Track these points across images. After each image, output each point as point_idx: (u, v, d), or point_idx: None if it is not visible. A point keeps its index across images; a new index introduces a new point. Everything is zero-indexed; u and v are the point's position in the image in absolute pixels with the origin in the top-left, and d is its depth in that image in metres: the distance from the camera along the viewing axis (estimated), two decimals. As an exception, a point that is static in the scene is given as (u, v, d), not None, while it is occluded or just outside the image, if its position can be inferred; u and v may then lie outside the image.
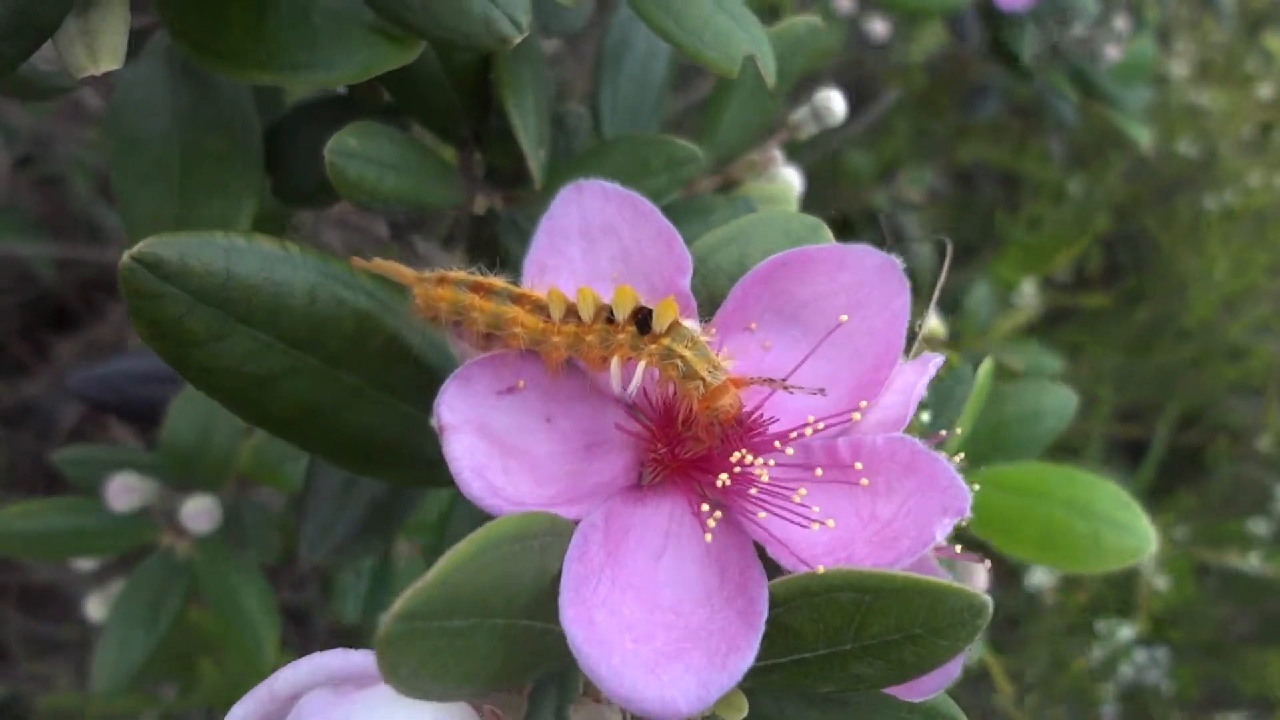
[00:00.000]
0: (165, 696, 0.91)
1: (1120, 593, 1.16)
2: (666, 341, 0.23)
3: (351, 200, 0.32)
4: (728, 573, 0.23)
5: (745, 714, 0.26)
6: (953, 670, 0.23)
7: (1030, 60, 0.96)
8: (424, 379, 0.29)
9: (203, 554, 0.54)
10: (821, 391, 0.24)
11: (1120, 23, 1.09)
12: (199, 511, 0.52)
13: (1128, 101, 1.09)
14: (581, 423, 0.26)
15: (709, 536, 0.22)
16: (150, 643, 0.52)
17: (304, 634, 0.87)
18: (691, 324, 0.23)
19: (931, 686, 0.23)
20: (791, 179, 0.42)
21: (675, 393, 0.24)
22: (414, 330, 0.29)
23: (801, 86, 0.45)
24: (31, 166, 1.03)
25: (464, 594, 0.19)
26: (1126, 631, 1.12)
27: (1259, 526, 1.20)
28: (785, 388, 0.24)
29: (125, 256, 0.24)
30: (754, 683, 0.22)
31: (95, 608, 0.57)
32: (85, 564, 0.61)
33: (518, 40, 0.28)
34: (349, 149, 0.31)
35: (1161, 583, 1.13)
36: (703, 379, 0.22)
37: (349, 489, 0.39)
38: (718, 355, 0.23)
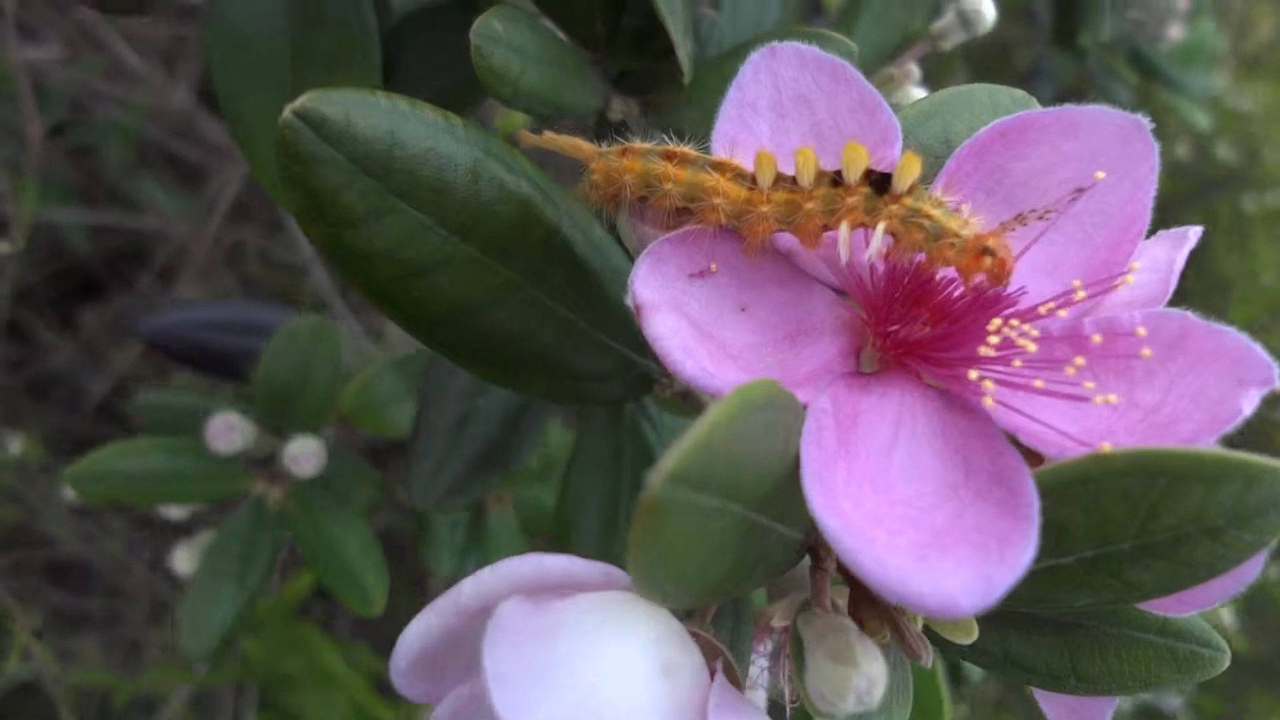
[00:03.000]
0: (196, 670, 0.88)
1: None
2: (910, 201, 0.20)
3: (494, 92, 0.29)
4: (973, 463, 0.20)
5: (974, 637, 0.23)
6: (1249, 572, 0.20)
7: (1100, 42, 0.93)
8: (583, 281, 0.27)
9: (298, 502, 0.51)
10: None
11: (1182, 2, 1.06)
12: (304, 453, 0.49)
13: (1189, 84, 1.06)
14: (781, 311, 0.23)
15: (989, 401, 0.19)
16: (241, 598, 0.49)
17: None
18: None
19: (1218, 594, 0.21)
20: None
21: (912, 262, 0.21)
22: (575, 225, 0.26)
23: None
24: (66, 134, 1.00)
25: (722, 463, 0.16)
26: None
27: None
28: (1015, 225, 0.21)
29: (286, 112, 0.21)
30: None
31: (183, 561, 0.55)
32: (175, 512, 0.58)
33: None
34: (494, 33, 0.28)
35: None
36: (958, 234, 0.20)
37: (463, 427, 0.36)
38: (963, 214, 0.20)
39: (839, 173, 0.21)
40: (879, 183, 0.21)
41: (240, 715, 0.95)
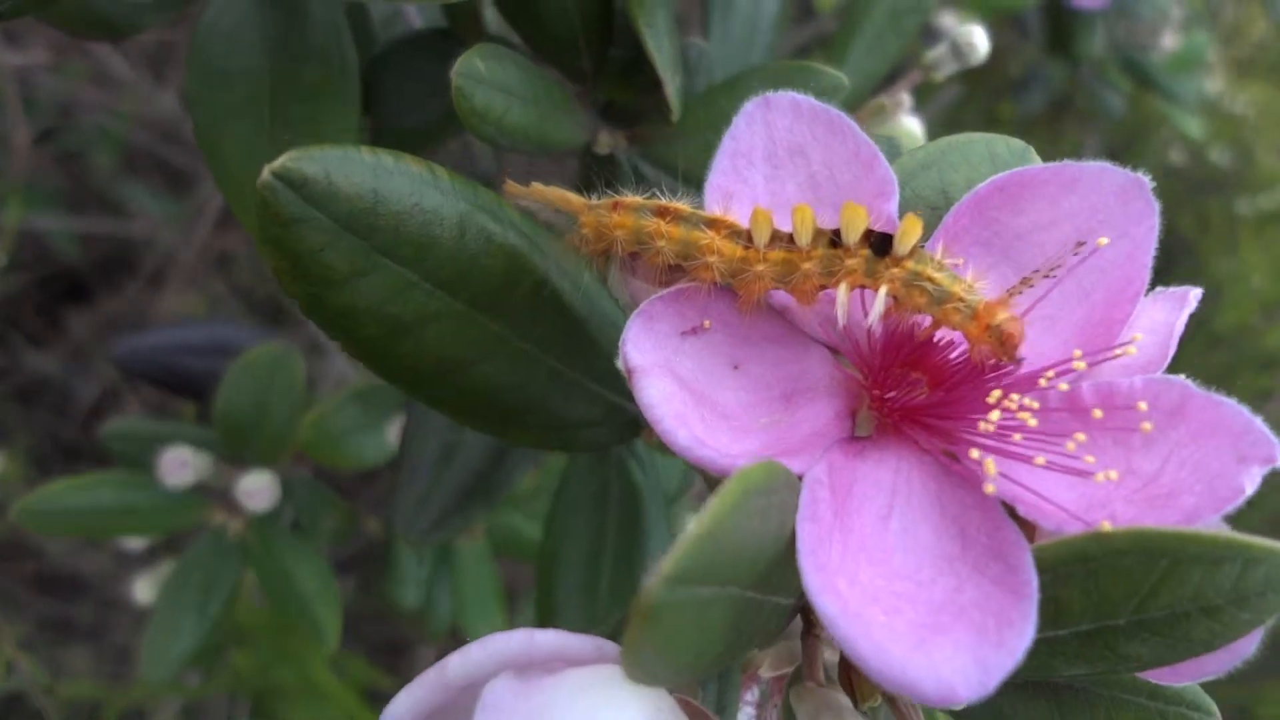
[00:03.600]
0: (188, 682, 0.88)
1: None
2: (911, 264, 0.20)
3: (475, 132, 0.28)
4: (970, 535, 0.20)
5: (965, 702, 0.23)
6: (1245, 648, 0.20)
7: (1095, 54, 0.94)
8: (570, 329, 0.26)
9: (257, 534, 0.51)
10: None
11: (1176, 10, 1.06)
12: (257, 488, 0.48)
13: (1181, 93, 1.06)
14: (777, 368, 0.22)
15: (990, 488, 0.19)
16: (201, 628, 0.49)
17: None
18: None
19: (1214, 667, 0.20)
20: (915, 128, 0.39)
21: (910, 324, 0.21)
22: (565, 275, 0.26)
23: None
24: (53, 140, 0.99)
25: (723, 555, 0.16)
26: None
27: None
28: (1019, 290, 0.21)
29: (265, 173, 0.20)
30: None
31: (143, 590, 0.54)
32: (132, 544, 0.57)
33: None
34: (476, 72, 0.27)
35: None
36: (963, 299, 0.19)
37: (449, 458, 0.36)
38: (967, 278, 0.20)
39: (837, 232, 0.21)
40: (879, 244, 0.20)
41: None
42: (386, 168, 0.22)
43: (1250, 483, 0.18)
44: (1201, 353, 1.29)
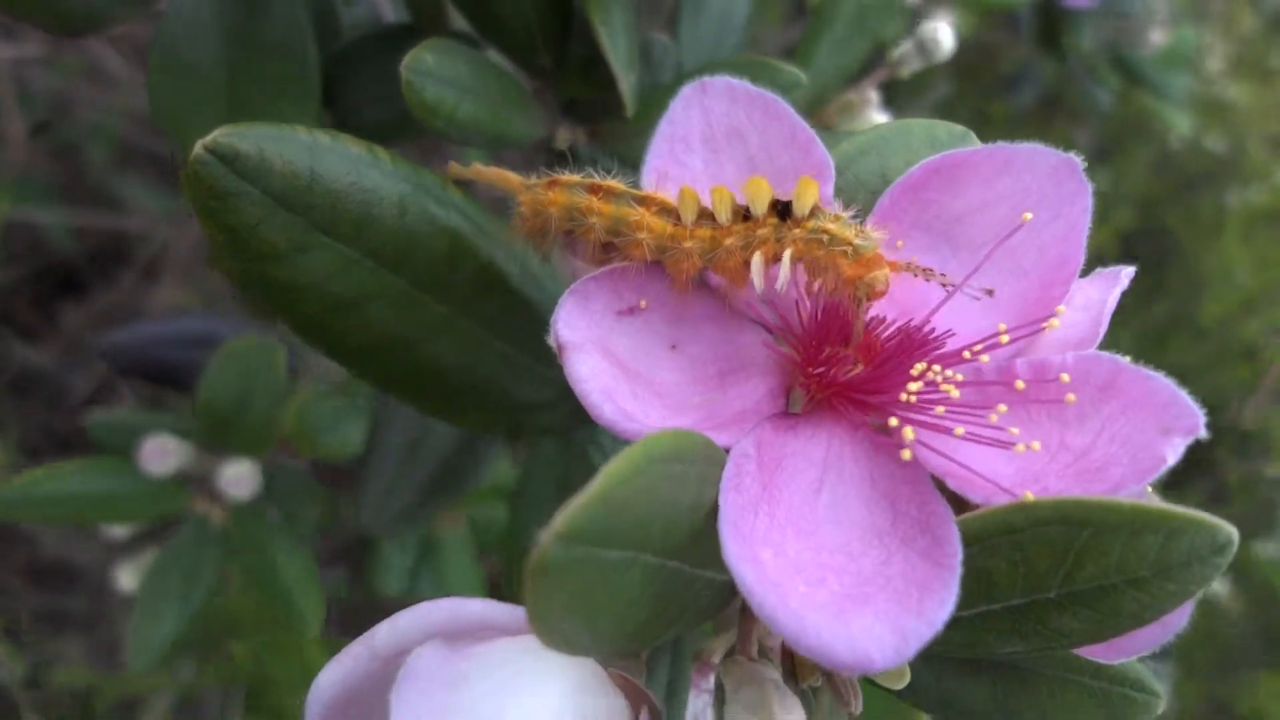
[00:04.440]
0: (181, 673, 0.88)
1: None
2: (811, 223, 0.20)
3: (429, 126, 0.28)
4: (900, 508, 0.20)
5: (906, 681, 0.23)
6: (1177, 621, 0.20)
7: (1086, 51, 0.94)
8: (519, 312, 0.26)
9: (238, 523, 0.51)
10: (989, 293, 0.21)
11: (1162, 3, 1.06)
12: (238, 477, 0.49)
13: (1170, 88, 1.06)
14: (713, 348, 0.22)
15: (907, 454, 0.19)
16: (184, 616, 0.49)
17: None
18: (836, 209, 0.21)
19: (1147, 642, 0.20)
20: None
21: (827, 291, 0.21)
22: (511, 257, 0.26)
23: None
24: (48, 133, 1.00)
25: (624, 518, 0.16)
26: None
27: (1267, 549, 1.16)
28: (935, 278, 0.21)
29: (198, 147, 0.20)
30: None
31: (126, 578, 0.54)
32: (117, 532, 0.58)
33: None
34: (425, 67, 0.28)
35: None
36: (852, 244, 0.20)
37: (416, 449, 0.36)
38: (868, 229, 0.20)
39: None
40: (784, 211, 0.20)
41: (226, 718, 0.95)
42: (323, 146, 0.22)
43: (1173, 453, 0.18)
44: (1187, 344, 1.29)
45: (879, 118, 0.39)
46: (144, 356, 0.54)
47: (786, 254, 0.20)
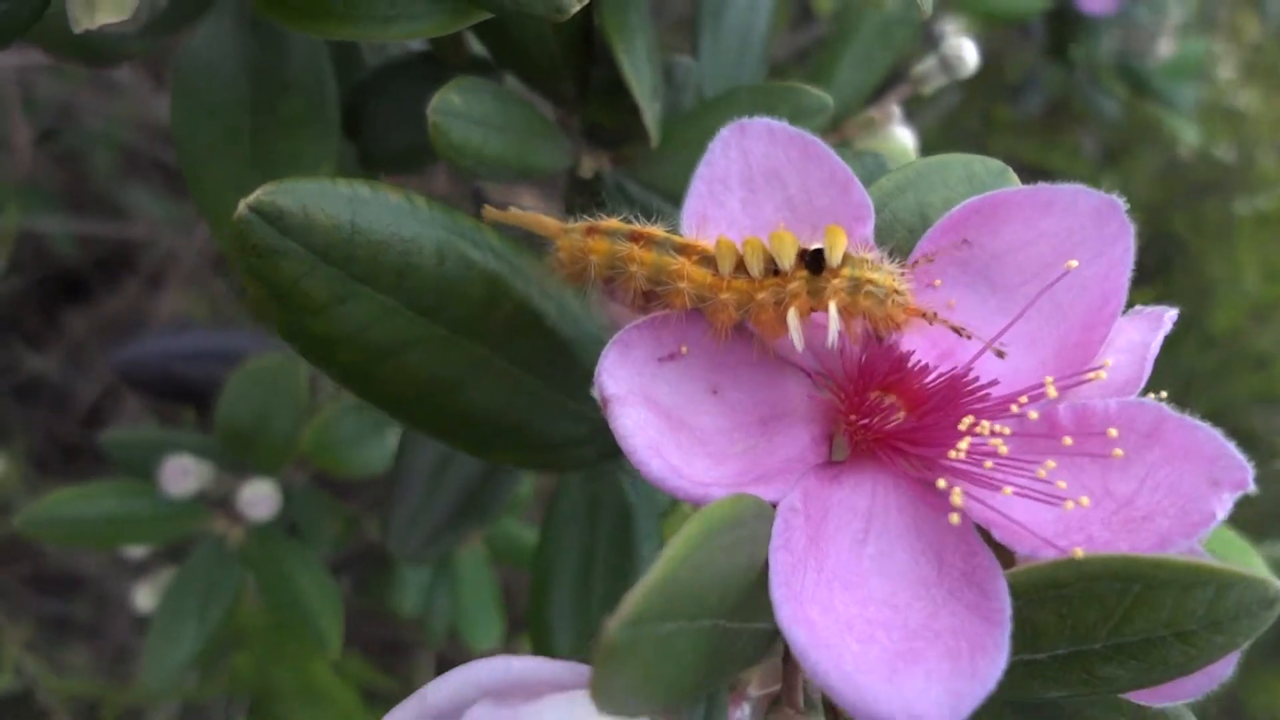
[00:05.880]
0: (186, 681, 0.88)
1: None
2: (848, 271, 0.20)
3: (455, 168, 0.28)
4: (946, 559, 0.20)
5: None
6: (1222, 671, 0.20)
7: (1101, 60, 0.94)
8: (555, 352, 0.26)
9: (257, 542, 0.51)
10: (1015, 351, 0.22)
11: (1176, 11, 1.05)
12: (258, 497, 0.49)
13: (1177, 99, 1.05)
14: (754, 394, 0.22)
15: (955, 518, 0.19)
16: (201, 636, 0.49)
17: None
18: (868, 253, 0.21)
19: (1192, 689, 0.20)
20: (906, 140, 0.39)
21: (886, 349, 0.21)
22: (547, 297, 0.26)
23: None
24: (54, 141, 0.99)
25: (684, 594, 0.16)
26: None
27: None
28: (967, 334, 0.21)
29: (242, 207, 0.20)
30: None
31: (144, 598, 0.54)
32: (135, 552, 0.58)
33: (574, 10, 0.25)
34: (453, 108, 0.28)
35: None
36: (897, 289, 0.20)
37: (441, 474, 0.36)
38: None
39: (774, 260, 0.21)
40: (813, 262, 0.20)
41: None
42: (363, 198, 0.22)
43: (1222, 508, 0.18)
44: (1194, 353, 1.29)
45: (901, 134, 0.39)
46: (159, 372, 0.54)
47: (831, 306, 0.20)
